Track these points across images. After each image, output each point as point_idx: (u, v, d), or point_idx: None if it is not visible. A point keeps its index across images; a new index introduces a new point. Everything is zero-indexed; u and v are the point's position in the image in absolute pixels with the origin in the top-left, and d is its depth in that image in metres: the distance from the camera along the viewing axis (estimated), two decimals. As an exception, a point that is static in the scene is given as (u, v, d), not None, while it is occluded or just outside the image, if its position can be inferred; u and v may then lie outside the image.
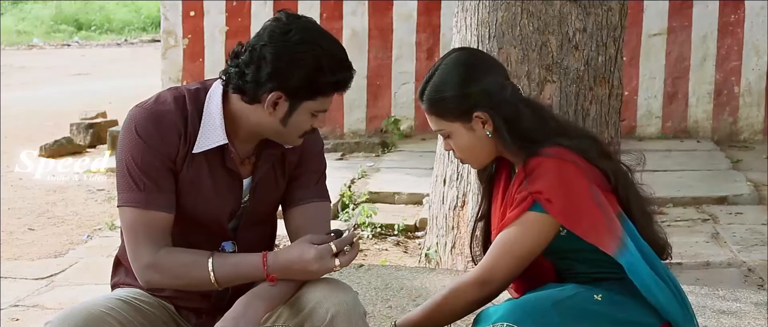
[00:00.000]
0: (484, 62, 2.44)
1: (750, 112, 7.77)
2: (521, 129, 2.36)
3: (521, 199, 2.33)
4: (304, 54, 2.20)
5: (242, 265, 2.29)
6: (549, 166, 2.31)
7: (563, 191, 2.29)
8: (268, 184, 2.41)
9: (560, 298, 2.26)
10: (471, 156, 2.44)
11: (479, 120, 2.37)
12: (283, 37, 2.21)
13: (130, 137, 2.27)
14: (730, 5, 7.67)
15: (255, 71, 2.22)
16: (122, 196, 2.29)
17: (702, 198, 5.95)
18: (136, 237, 2.28)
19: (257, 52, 2.22)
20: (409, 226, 5.57)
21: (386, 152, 7.64)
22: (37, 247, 5.40)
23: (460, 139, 2.40)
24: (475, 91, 2.36)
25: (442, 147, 4.19)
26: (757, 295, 3.68)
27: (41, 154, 7.73)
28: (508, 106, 2.37)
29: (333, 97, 2.29)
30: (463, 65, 2.40)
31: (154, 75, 8.82)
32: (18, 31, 16.90)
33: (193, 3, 8.09)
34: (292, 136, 2.32)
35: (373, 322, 3.29)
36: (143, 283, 2.32)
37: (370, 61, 8.04)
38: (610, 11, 3.76)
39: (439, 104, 2.39)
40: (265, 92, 2.23)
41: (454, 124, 2.39)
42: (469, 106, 2.36)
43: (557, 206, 2.29)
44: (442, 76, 2.40)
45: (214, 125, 2.29)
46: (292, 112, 2.26)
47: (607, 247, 2.28)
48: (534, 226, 2.32)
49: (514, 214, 2.33)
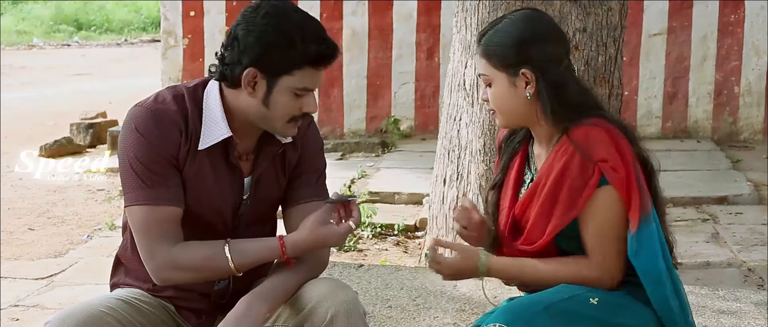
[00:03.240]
0: (551, 29, 2.43)
1: (750, 112, 7.77)
2: (565, 98, 2.35)
3: (585, 170, 2.28)
4: (272, 27, 2.21)
5: (259, 249, 2.30)
6: (602, 134, 2.30)
7: (623, 160, 2.29)
8: (268, 182, 2.41)
9: (553, 301, 2.24)
10: (503, 110, 2.40)
11: (524, 78, 2.35)
12: (253, 14, 2.23)
13: (132, 136, 2.27)
14: (730, 5, 7.67)
15: (231, 53, 2.25)
16: (130, 195, 2.28)
17: (702, 198, 5.94)
18: (150, 235, 2.26)
19: (232, 34, 2.25)
20: (409, 226, 5.56)
21: (386, 152, 7.64)
22: (37, 247, 5.40)
23: (499, 89, 2.38)
24: (531, 49, 2.35)
25: (443, 146, 4.21)
26: (757, 295, 3.68)
27: (41, 154, 7.73)
28: (557, 76, 2.35)
29: (318, 77, 2.27)
30: (530, 21, 2.39)
31: (154, 75, 8.82)
32: (18, 31, 16.89)
33: (193, 3, 8.09)
34: (279, 121, 2.29)
35: (373, 322, 3.29)
36: (159, 281, 2.31)
37: (370, 61, 8.04)
38: (610, 11, 3.76)
39: (493, 48, 2.37)
40: (241, 71, 2.24)
41: (500, 73, 2.37)
42: (520, 60, 2.34)
43: (619, 175, 2.27)
44: (506, 25, 2.39)
45: (215, 120, 2.30)
46: (271, 89, 2.25)
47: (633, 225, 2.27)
48: (615, 203, 2.29)
49: (588, 194, 2.29)
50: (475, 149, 3.93)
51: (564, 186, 2.32)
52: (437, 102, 7.81)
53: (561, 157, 2.33)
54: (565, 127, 2.35)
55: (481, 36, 2.41)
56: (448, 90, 4.21)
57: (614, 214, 2.30)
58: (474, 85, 3.91)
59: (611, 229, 2.31)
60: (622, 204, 2.29)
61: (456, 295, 3.55)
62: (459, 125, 4.05)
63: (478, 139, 3.91)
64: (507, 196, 2.47)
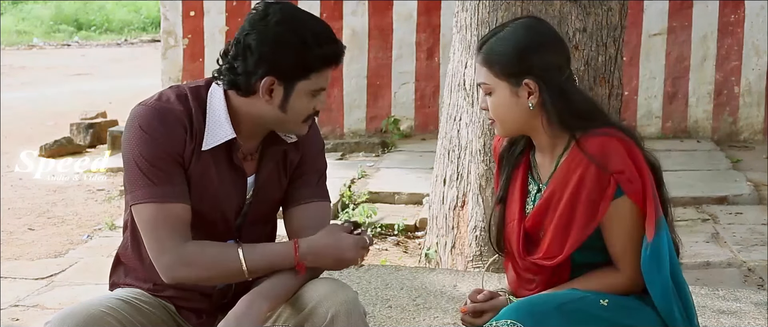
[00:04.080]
0: (553, 38, 2.41)
1: (750, 112, 7.77)
2: (571, 106, 2.33)
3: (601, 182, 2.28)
4: (286, 33, 2.20)
5: (272, 253, 2.29)
6: (618, 145, 2.29)
7: (638, 171, 2.29)
8: (271, 182, 2.41)
9: (565, 301, 2.25)
10: (503, 120, 2.38)
11: (526, 88, 2.33)
12: (263, 21, 2.22)
13: (137, 134, 2.26)
14: (730, 5, 7.67)
15: (243, 62, 2.23)
16: (136, 193, 2.26)
17: (702, 198, 5.94)
18: (158, 232, 2.25)
19: (241, 43, 2.23)
20: (409, 226, 5.57)
21: (386, 152, 7.64)
22: (37, 247, 5.40)
23: (500, 99, 2.36)
24: (534, 59, 2.32)
25: (443, 146, 4.21)
26: (757, 295, 3.68)
27: (41, 154, 7.73)
28: (560, 85, 2.33)
29: (330, 75, 2.28)
30: (532, 31, 2.37)
31: (154, 75, 8.82)
32: (18, 31, 16.89)
33: (193, 3, 8.09)
34: (295, 123, 2.31)
35: (373, 322, 3.29)
36: (169, 279, 2.29)
37: (370, 61, 8.04)
38: (610, 11, 3.76)
39: (494, 57, 2.34)
40: (257, 80, 2.23)
41: (501, 82, 2.34)
42: (523, 69, 2.32)
43: (635, 187, 2.28)
44: (508, 33, 2.36)
45: (219, 121, 2.29)
46: (288, 95, 2.25)
47: (650, 234, 2.28)
48: (633, 213, 2.30)
49: (605, 206, 2.29)
50: (475, 149, 3.93)
51: (581, 199, 2.31)
52: (437, 102, 7.81)
53: (575, 168, 2.32)
54: (572, 136, 2.34)
55: (482, 44, 2.39)
56: (448, 90, 4.21)
57: (635, 223, 2.31)
58: (474, 85, 3.91)
59: (637, 237, 2.31)
60: (639, 213, 2.30)
61: (456, 295, 3.54)
62: (459, 125, 4.05)
63: (478, 139, 3.91)
64: (514, 210, 2.45)
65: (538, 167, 2.44)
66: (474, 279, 3.69)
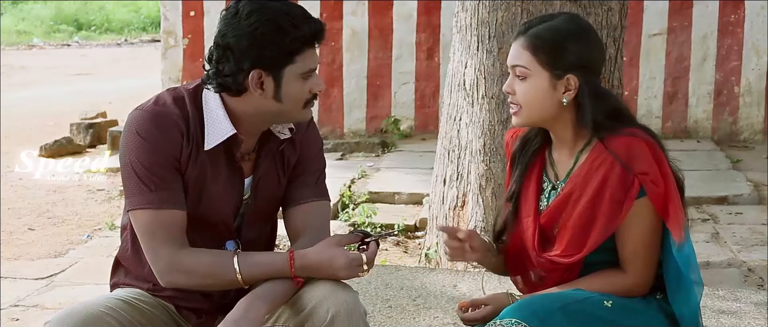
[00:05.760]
0: (598, 38, 2.39)
1: (750, 112, 7.77)
2: (606, 108, 2.31)
3: (625, 181, 2.27)
4: (260, 23, 2.20)
5: (268, 264, 2.29)
6: (643, 147, 2.27)
7: (662, 174, 2.28)
8: (269, 181, 2.41)
9: (569, 301, 2.24)
10: (530, 107, 2.32)
11: (566, 83, 2.29)
12: (235, 18, 2.23)
13: (133, 140, 2.27)
14: (730, 5, 7.67)
15: (227, 63, 2.24)
16: (133, 199, 2.27)
17: (702, 198, 5.94)
18: (154, 239, 2.26)
19: (221, 44, 2.24)
20: (409, 226, 5.57)
21: (386, 152, 7.64)
22: (37, 247, 5.40)
23: (535, 87, 2.30)
24: (583, 56, 2.30)
25: (443, 146, 4.21)
26: (757, 295, 3.68)
27: (41, 154, 7.73)
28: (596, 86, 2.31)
29: (316, 54, 2.28)
30: (583, 28, 2.34)
31: (154, 75, 8.82)
32: (18, 31, 16.91)
33: (193, 3, 8.09)
34: (295, 110, 2.31)
35: (373, 322, 3.29)
36: (165, 283, 2.30)
37: (370, 61, 8.04)
38: (610, 11, 3.76)
39: (543, 44, 2.29)
40: (245, 77, 2.24)
41: (543, 72, 2.30)
42: (569, 65, 2.28)
43: (659, 189, 2.27)
44: (561, 25, 2.32)
45: (218, 119, 2.30)
46: (279, 83, 2.26)
47: (677, 236, 2.27)
48: (652, 216, 2.29)
49: (628, 206, 2.27)
50: (475, 149, 3.94)
51: (604, 198, 2.29)
52: (437, 102, 7.81)
53: (598, 167, 2.30)
54: (594, 134, 2.31)
55: (529, 27, 2.33)
56: (448, 90, 4.21)
57: (653, 226, 2.30)
58: (474, 85, 3.91)
59: (650, 240, 2.31)
60: (657, 217, 2.30)
61: (456, 295, 3.55)
62: (459, 125, 4.05)
63: (478, 139, 3.91)
64: (529, 207, 2.43)
65: (555, 164, 2.41)
66: (474, 279, 3.69)
